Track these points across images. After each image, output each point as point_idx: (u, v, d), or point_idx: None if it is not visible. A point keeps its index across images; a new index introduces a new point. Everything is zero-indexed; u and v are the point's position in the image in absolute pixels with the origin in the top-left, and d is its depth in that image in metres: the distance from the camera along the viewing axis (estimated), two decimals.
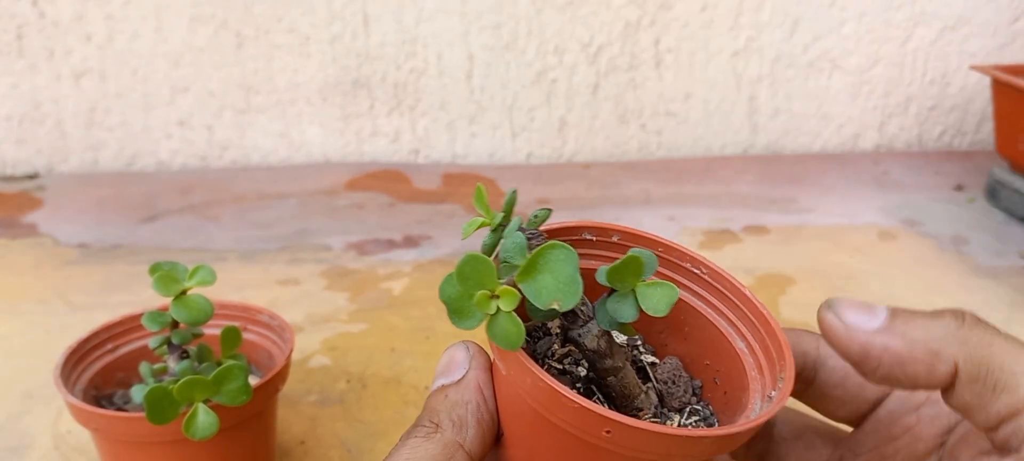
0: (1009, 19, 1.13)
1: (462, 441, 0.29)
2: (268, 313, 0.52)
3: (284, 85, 1.08)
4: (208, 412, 0.41)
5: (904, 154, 1.17)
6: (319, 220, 0.92)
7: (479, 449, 0.30)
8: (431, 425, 0.29)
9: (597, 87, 1.11)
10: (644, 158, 1.16)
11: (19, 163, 1.07)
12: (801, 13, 1.10)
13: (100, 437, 0.45)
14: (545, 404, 0.27)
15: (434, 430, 0.29)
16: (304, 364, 0.64)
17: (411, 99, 1.10)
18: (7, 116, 1.05)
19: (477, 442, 0.30)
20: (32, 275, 0.78)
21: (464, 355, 0.31)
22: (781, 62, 1.13)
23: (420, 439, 0.29)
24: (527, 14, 1.06)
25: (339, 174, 1.06)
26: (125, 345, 0.51)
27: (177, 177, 1.06)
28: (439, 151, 1.13)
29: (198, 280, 0.44)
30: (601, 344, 0.29)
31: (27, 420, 0.57)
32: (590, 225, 0.34)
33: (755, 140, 1.17)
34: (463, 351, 0.32)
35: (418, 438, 0.29)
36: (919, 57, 1.14)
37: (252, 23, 1.04)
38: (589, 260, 0.33)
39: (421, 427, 0.30)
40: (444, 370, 0.31)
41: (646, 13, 1.08)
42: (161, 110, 1.07)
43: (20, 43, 1.02)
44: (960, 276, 0.79)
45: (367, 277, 0.78)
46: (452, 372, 0.31)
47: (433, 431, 0.29)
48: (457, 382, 0.30)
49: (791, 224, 0.91)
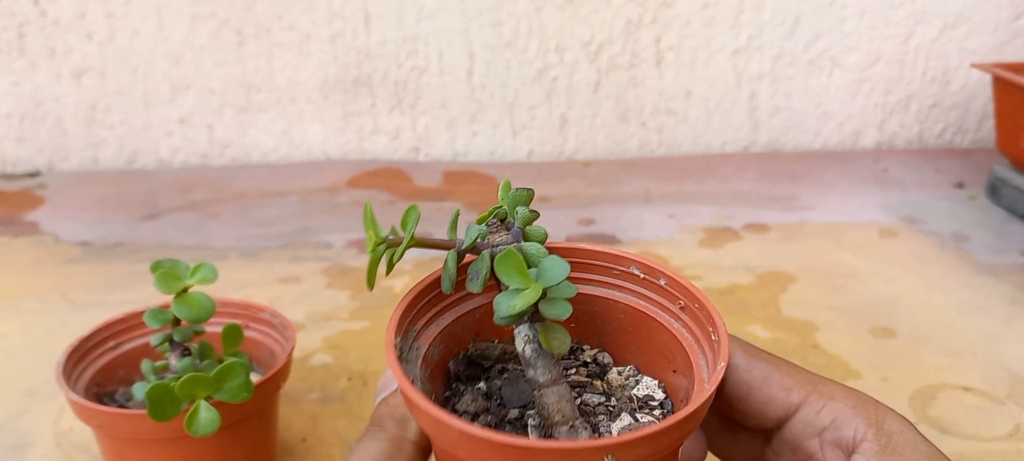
0: (1010, 17, 1.13)
1: (405, 433, 0.31)
2: (269, 311, 0.52)
3: (285, 83, 1.08)
4: (210, 409, 0.41)
5: (905, 152, 1.17)
6: (320, 218, 0.92)
7: (425, 438, 0.32)
8: (376, 428, 0.32)
9: (598, 85, 1.11)
10: (645, 156, 1.16)
11: (20, 161, 1.08)
12: (802, 11, 1.10)
13: (102, 434, 0.45)
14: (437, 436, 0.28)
15: (379, 431, 0.32)
16: (305, 362, 0.64)
17: (412, 97, 1.10)
18: (8, 114, 1.05)
19: (422, 433, 0.32)
20: (33, 273, 0.78)
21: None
22: (782, 60, 1.13)
23: (368, 440, 0.31)
24: (527, 12, 1.06)
25: (340, 172, 1.06)
26: (126, 343, 0.51)
27: (178, 175, 1.06)
28: (440, 149, 1.13)
29: (199, 278, 0.44)
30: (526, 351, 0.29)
31: (29, 418, 0.57)
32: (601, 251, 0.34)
33: (756, 138, 1.17)
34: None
35: (367, 440, 0.31)
36: (920, 55, 1.14)
37: (253, 21, 1.04)
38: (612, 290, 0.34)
39: (368, 432, 0.32)
40: (382, 388, 0.34)
41: (647, 11, 1.08)
42: (162, 108, 1.07)
43: (21, 41, 1.02)
44: (961, 274, 0.79)
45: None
46: (389, 387, 0.34)
47: (379, 432, 0.31)
48: (395, 391, 0.33)
49: (792, 222, 0.91)
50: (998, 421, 0.57)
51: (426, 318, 0.33)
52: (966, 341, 0.67)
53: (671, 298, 0.32)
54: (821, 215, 0.93)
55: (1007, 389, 0.61)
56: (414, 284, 0.32)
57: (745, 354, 0.33)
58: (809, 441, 0.32)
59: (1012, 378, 0.62)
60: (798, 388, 0.32)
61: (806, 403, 0.32)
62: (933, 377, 0.62)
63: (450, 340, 0.34)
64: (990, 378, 0.62)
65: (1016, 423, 0.57)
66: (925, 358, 0.65)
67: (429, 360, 0.32)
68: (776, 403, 0.32)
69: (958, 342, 0.67)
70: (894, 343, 0.67)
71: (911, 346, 0.66)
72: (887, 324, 0.70)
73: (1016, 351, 0.66)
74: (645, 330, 0.33)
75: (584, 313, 0.35)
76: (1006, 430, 0.56)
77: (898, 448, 0.30)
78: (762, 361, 0.33)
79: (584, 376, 0.34)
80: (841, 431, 0.31)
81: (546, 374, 0.29)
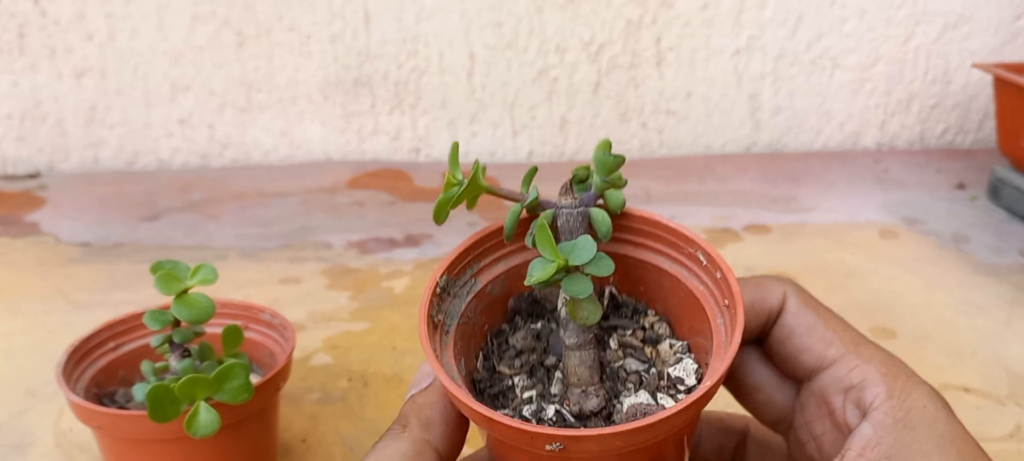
0: (1010, 17, 1.13)
1: (429, 438, 0.31)
2: (270, 311, 0.52)
3: (285, 83, 1.08)
4: (209, 410, 0.41)
5: (906, 152, 1.16)
6: (320, 218, 0.92)
7: (447, 447, 0.31)
8: (400, 427, 0.31)
9: (598, 85, 1.11)
10: (645, 156, 1.16)
11: (20, 162, 1.08)
12: (803, 11, 1.10)
13: (102, 435, 0.45)
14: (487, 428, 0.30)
15: (403, 430, 0.31)
16: (306, 362, 0.64)
17: (412, 97, 1.10)
18: (8, 114, 1.05)
19: (445, 439, 0.31)
20: (34, 274, 0.79)
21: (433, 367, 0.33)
22: (783, 60, 1.13)
23: (390, 440, 0.31)
24: (528, 12, 1.06)
25: (340, 172, 1.06)
26: (127, 343, 0.51)
27: (178, 175, 1.06)
28: (440, 149, 1.13)
29: (199, 279, 0.44)
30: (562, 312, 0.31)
31: (29, 418, 0.57)
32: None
33: (756, 138, 1.17)
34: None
35: (388, 439, 0.31)
36: (921, 55, 1.14)
37: (253, 21, 1.04)
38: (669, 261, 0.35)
39: (392, 430, 0.31)
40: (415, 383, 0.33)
41: (647, 11, 1.08)
42: (162, 108, 1.07)
43: (21, 41, 1.02)
44: (961, 274, 0.79)
45: (368, 275, 0.78)
46: (421, 383, 0.33)
47: (401, 431, 0.31)
48: (425, 389, 0.32)
49: (792, 222, 0.91)
50: (998, 421, 0.57)
51: (492, 258, 0.35)
52: (966, 341, 0.67)
53: (722, 292, 0.32)
54: (822, 215, 0.93)
55: (1007, 389, 0.61)
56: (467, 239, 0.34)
57: (798, 300, 0.33)
58: (834, 396, 0.32)
59: (1012, 378, 0.62)
60: (838, 344, 0.32)
61: (841, 360, 0.32)
62: (933, 377, 0.62)
63: (516, 279, 0.35)
64: (990, 378, 0.62)
65: (1016, 423, 0.57)
66: (925, 358, 0.65)
67: (484, 296, 0.34)
68: (812, 353, 0.33)
69: (958, 342, 0.67)
70: (894, 343, 0.67)
71: (911, 346, 0.66)
72: (887, 324, 0.70)
73: (1016, 351, 0.66)
74: (698, 315, 0.33)
75: (653, 281, 0.35)
76: (1006, 430, 0.56)
77: (912, 423, 0.30)
78: (811, 311, 0.33)
79: (639, 340, 0.34)
80: (863, 393, 0.31)
81: (573, 338, 0.31)
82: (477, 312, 0.34)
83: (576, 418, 0.31)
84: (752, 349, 0.36)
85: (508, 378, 0.33)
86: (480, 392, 0.33)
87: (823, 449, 0.33)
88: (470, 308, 0.34)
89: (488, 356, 0.34)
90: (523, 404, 0.32)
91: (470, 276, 0.34)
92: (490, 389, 0.33)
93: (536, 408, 0.32)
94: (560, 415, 0.31)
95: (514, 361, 0.34)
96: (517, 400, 0.32)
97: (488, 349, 0.35)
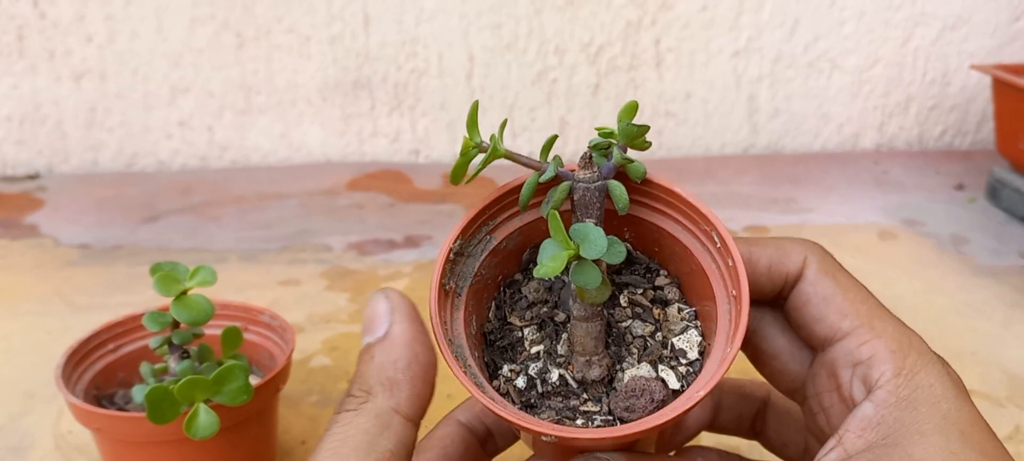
0: (1009, 19, 1.13)
1: (396, 406, 0.27)
2: (269, 313, 0.52)
3: (284, 85, 1.08)
4: (209, 412, 0.41)
5: (904, 154, 1.17)
6: (320, 220, 0.92)
7: (417, 408, 0.28)
8: (361, 394, 0.27)
9: (597, 87, 1.11)
10: (645, 158, 1.16)
11: (20, 164, 1.08)
12: (801, 13, 1.10)
13: (101, 437, 0.45)
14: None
15: (365, 399, 0.27)
16: (305, 364, 0.64)
17: (411, 99, 1.10)
18: (8, 117, 1.05)
19: (413, 402, 0.28)
20: (33, 275, 0.78)
21: (385, 307, 0.29)
22: (781, 62, 1.13)
23: (351, 414, 0.27)
24: (527, 14, 1.06)
25: (339, 174, 1.06)
26: (126, 345, 0.51)
27: (177, 177, 1.06)
28: (439, 151, 1.13)
29: (199, 280, 0.44)
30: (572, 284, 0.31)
31: (28, 420, 0.57)
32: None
33: (755, 140, 1.17)
34: (384, 302, 0.29)
35: (349, 412, 0.27)
36: (919, 57, 1.14)
37: (252, 24, 1.04)
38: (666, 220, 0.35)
39: (351, 398, 0.27)
40: (367, 326, 0.29)
41: (646, 13, 1.08)
42: (161, 110, 1.07)
43: (21, 44, 1.02)
44: (960, 276, 0.79)
45: (368, 277, 0.78)
46: (376, 328, 0.29)
47: (363, 401, 0.27)
48: (382, 339, 0.28)
49: (791, 224, 0.91)
50: (998, 423, 0.57)
51: (507, 215, 0.34)
52: (965, 343, 0.67)
53: (732, 280, 0.32)
54: (820, 217, 0.93)
55: (1007, 391, 0.61)
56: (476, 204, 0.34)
57: (818, 267, 0.32)
58: (843, 370, 0.31)
59: (1011, 380, 0.62)
60: (853, 316, 0.31)
61: (853, 333, 0.31)
62: None
63: (532, 233, 0.35)
64: (990, 380, 0.62)
65: (1016, 424, 0.57)
66: None
67: (499, 251, 0.34)
68: (825, 324, 0.32)
69: (957, 344, 0.67)
70: None
71: None
72: None
73: (1015, 353, 0.66)
74: (708, 293, 0.33)
75: (668, 247, 0.35)
76: (1006, 432, 0.56)
77: (915, 402, 0.29)
78: (830, 279, 0.32)
79: (648, 300, 0.34)
80: (871, 370, 0.30)
81: (581, 311, 0.31)
82: (491, 266, 0.34)
83: (578, 385, 0.32)
84: (770, 314, 0.35)
85: (519, 329, 0.33)
86: (490, 344, 0.33)
87: (830, 422, 0.32)
88: (484, 265, 0.33)
89: (501, 305, 0.34)
90: (530, 360, 0.33)
91: (485, 234, 0.34)
92: (500, 341, 0.33)
93: (541, 367, 0.32)
94: (563, 380, 0.32)
95: (525, 313, 0.34)
96: (525, 354, 0.33)
97: (501, 299, 0.35)
